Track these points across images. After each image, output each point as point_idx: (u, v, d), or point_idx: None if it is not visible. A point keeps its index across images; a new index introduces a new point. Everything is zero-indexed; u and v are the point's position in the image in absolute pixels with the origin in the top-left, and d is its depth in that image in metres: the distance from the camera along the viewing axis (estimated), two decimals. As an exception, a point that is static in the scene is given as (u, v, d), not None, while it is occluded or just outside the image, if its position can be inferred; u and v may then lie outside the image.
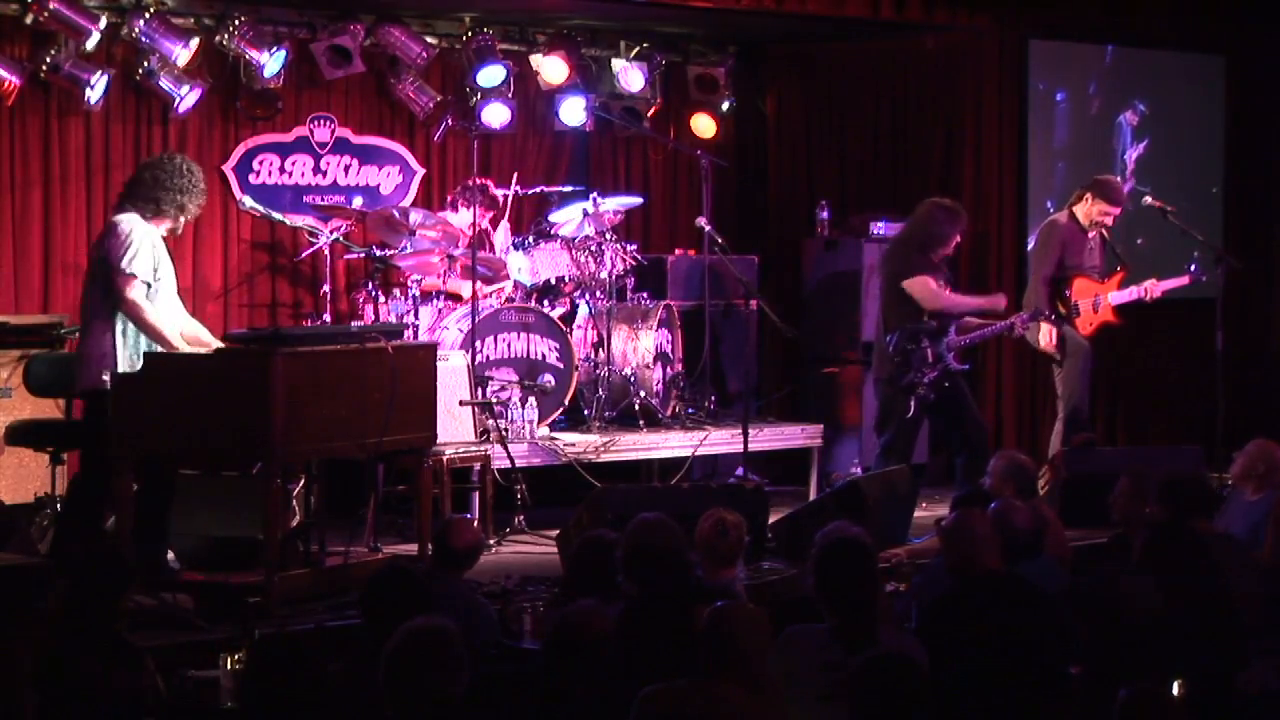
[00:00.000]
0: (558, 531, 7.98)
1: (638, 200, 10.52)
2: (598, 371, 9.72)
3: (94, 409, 7.16)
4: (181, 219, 7.46)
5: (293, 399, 6.80)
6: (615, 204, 10.20)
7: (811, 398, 10.87)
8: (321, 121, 10.33)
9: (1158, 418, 11.89)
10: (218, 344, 7.36)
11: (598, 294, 9.85)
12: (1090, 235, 9.93)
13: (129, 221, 7.25)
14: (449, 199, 10.08)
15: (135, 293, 7.14)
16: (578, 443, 9.29)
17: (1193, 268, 10.27)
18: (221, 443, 6.88)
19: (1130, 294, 9.97)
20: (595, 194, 10.05)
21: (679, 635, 5.14)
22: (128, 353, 7.18)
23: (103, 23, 9.18)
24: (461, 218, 9.58)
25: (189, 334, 7.37)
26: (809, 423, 10.31)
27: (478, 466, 8.68)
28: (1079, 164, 11.44)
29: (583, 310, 9.93)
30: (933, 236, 9.20)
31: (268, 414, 6.73)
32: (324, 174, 10.33)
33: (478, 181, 9.72)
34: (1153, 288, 10.03)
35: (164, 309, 7.26)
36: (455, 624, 4.63)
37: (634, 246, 10.11)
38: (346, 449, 7.22)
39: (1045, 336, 9.70)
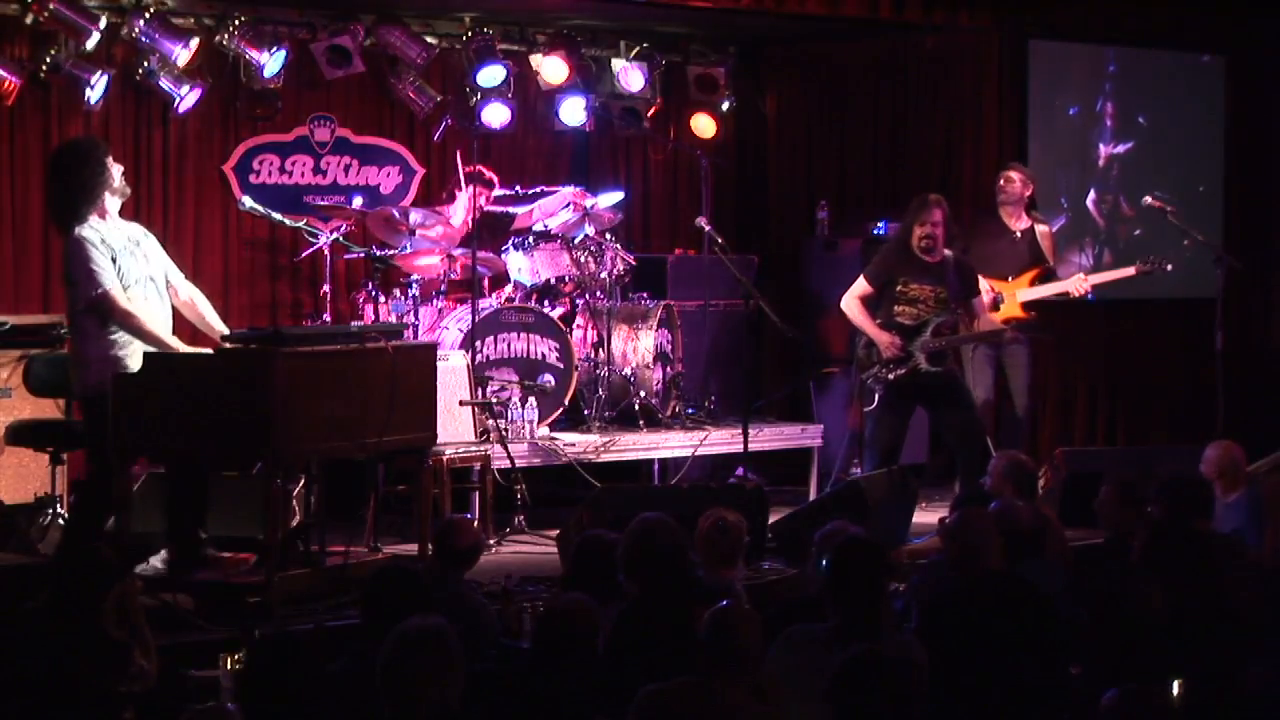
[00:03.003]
0: (558, 531, 7.97)
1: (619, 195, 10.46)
2: (598, 371, 9.72)
3: (96, 412, 7.11)
4: (120, 185, 7.15)
5: (293, 399, 6.79)
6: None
7: (811, 398, 10.87)
8: (321, 121, 10.34)
9: (1158, 418, 11.89)
10: (219, 323, 7.34)
11: (598, 294, 9.84)
12: (1017, 235, 9.93)
13: (79, 240, 7.00)
14: (444, 194, 10.08)
15: (121, 303, 6.99)
16: (578, 443, 9.29)
17: (1151, 259, 10.21)
18: (221, 443, 6.87)
19: (1048, 289, 9.90)
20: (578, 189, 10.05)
21: (680, 635, 5.14)
22: (134, 349, 7.06)
23: (103, 23, 9.19)
24: (458, 206, 9.57)
25: (189, 310, 7.33)
26: (809, 423, 10.31)
27: (478, 466, 8.68)
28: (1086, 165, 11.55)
29: (582, 310, 9.93)
30: (900, 231, 9.16)
31: (268, 414, 6.73)
32: (324, 174, 10.34)
33: (470, 169, 9.75)
34: (1080, 283, 9.95)
35: (146, 297, 7.11)
36: (451, 624, 4.63)
37: (620, 245, 10.06)
38: (346, 449, 7.21)
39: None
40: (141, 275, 7.13)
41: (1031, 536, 6.37)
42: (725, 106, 11.56)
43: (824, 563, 5.64)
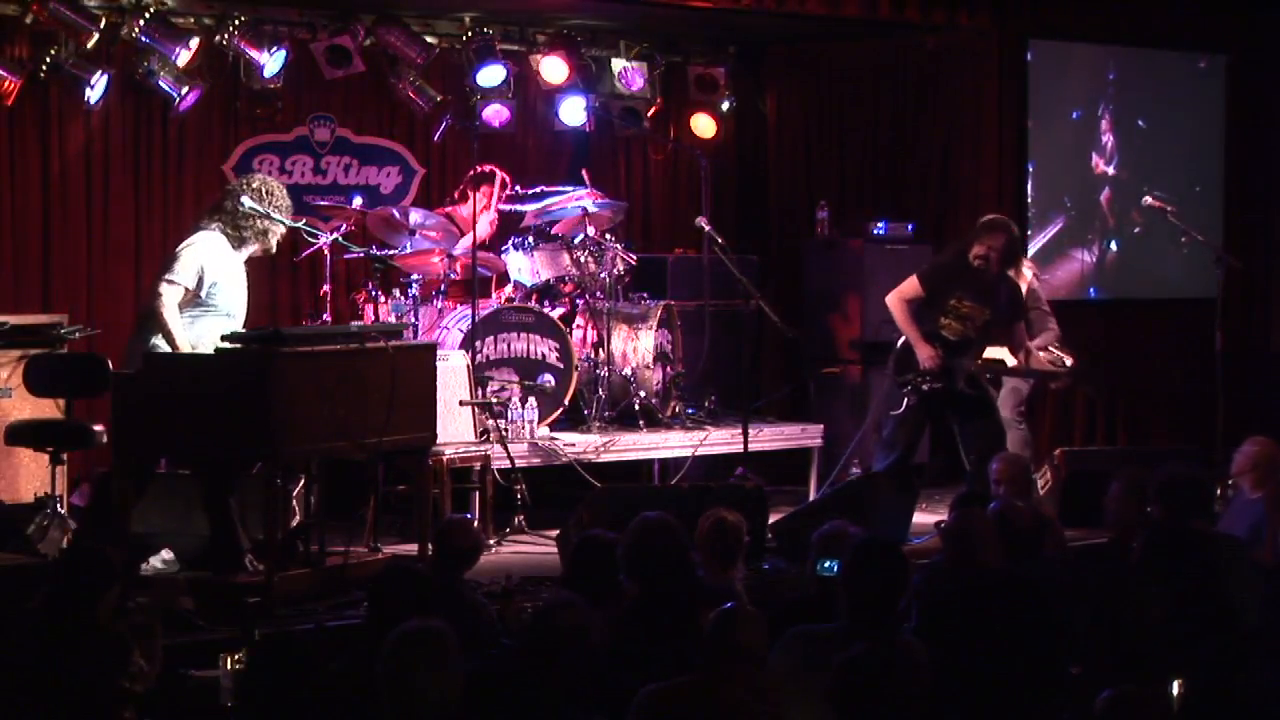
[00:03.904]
0: (558, 531, 7.98)
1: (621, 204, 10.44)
2: (598, 371, 9.72)
3: None
4: (271, 240, 7.70)
5: (293, 399, 6.80)
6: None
7: (811, 398, 10.87)
8: (321, 121, 10.34)
9: (1158, 418, 11.90)
10: None
11: (598, 294, 9.84)
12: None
13: (200, 238, 7.49)
14: (456, 194, 10.08)
15: (163, 289, 7.34)
16: (578, 443, 9.29)
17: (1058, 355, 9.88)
18: (221, 443, 6.88)
19: (993, 354, 9.40)
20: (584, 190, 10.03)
21: (680, 635, 5.14)
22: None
23: (103, 23, 9.18)
24: (470, 207, 9.60)
25: None
26: (809, 423, 10.30)
27: (478, 466, 8.68)
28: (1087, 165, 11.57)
29: (582, 310, 9.93)
30: (963, 245, 8.99)
31: (268, 414, 6.73)
32: (324, 174, 10.34)
33: (482, 169, 9.75)
34: (1010, 356, 9.23)
35: (211, 324, 7.36)
36: (451, 624, 4.63)
37: (621, 245, 10.05)
38: (346, 449, 7.21)
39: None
40: (231, 310, 7.48)
41: (1031, 536, 6.36)
42: (725, 106, 11.56)
43: (824, 563, 5.64)
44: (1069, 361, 9.37)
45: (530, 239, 9.73)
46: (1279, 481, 7.52)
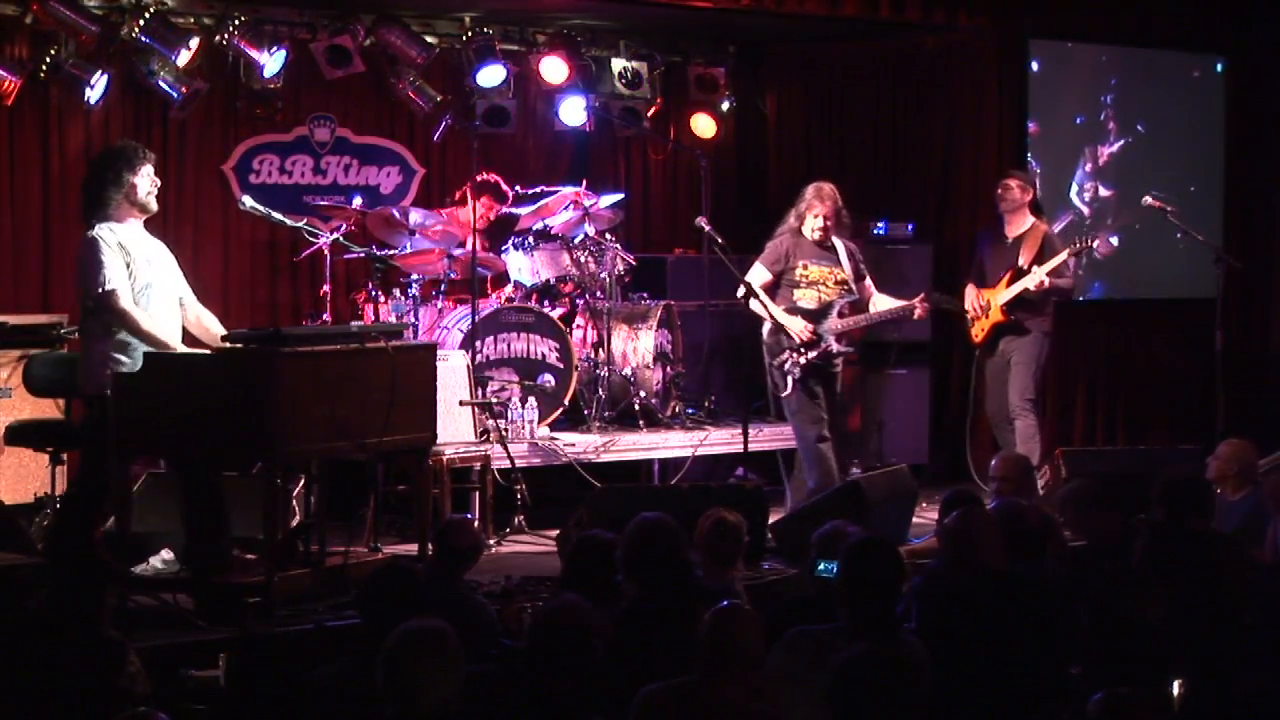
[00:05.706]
0: (558, 531, 7.98)
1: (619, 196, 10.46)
2: (598, 371, 9.72)
3: (96, 411, 7.12)
4: (140, 198, 7.15)
5: (293, 399, 6.79)
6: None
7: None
8: (321, 121, 10.34)
9: (1158, 418, 11.89)
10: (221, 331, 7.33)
11: (598, 294, 9.84)
12: (1008, 241, 9.79)
13: (92, 239, 7.05)
14: (457, 195, 10.08)
15: (123, 303, 7.01)
16: (578, 443, 9.29)
17: (1077, 240, 10.01)
18: (221, 443, 6.87)
19: (1015, 289, 9.63)
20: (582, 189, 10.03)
21: (680, 636, 5.14)
22: (138, 351, 7.07)
23: (103, 23, 9.18)
24: (468, 213, 9.60)
25: (197, 328, 7.34)
26: (809, 423, 10.29)
27: (478, 466, 8.68)
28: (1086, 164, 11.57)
29: (582, 310, 9.93)
30: (792, 219, 9.02)
31: (268, 414, 6.73)
32: (324, 174, 10.34)
33: (487, 178, 9.75)
34: (1035, 278, 9.58)
35: (155, 308, 7.12)
36: (451, 624, 4.63)
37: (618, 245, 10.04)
38: (346, 449, 7.20)
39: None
40: (155, 284, 7.15)
41: (1037, 536, 6.36)
42: (725, 106, 11.57)
43: (822, 565, 5.64)
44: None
45: (530, 239, 9.72)
46: (1256, 479, 7.55)
